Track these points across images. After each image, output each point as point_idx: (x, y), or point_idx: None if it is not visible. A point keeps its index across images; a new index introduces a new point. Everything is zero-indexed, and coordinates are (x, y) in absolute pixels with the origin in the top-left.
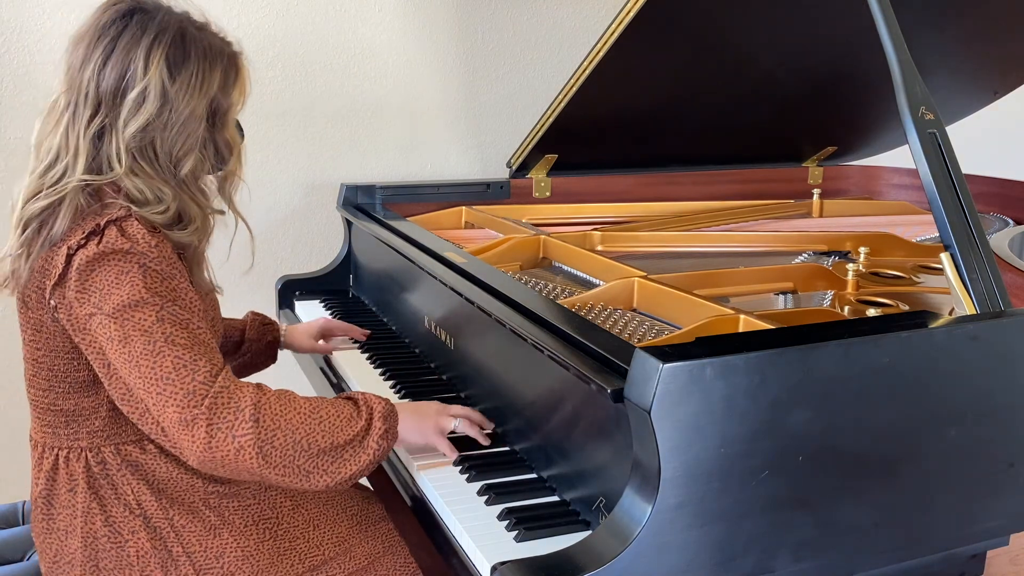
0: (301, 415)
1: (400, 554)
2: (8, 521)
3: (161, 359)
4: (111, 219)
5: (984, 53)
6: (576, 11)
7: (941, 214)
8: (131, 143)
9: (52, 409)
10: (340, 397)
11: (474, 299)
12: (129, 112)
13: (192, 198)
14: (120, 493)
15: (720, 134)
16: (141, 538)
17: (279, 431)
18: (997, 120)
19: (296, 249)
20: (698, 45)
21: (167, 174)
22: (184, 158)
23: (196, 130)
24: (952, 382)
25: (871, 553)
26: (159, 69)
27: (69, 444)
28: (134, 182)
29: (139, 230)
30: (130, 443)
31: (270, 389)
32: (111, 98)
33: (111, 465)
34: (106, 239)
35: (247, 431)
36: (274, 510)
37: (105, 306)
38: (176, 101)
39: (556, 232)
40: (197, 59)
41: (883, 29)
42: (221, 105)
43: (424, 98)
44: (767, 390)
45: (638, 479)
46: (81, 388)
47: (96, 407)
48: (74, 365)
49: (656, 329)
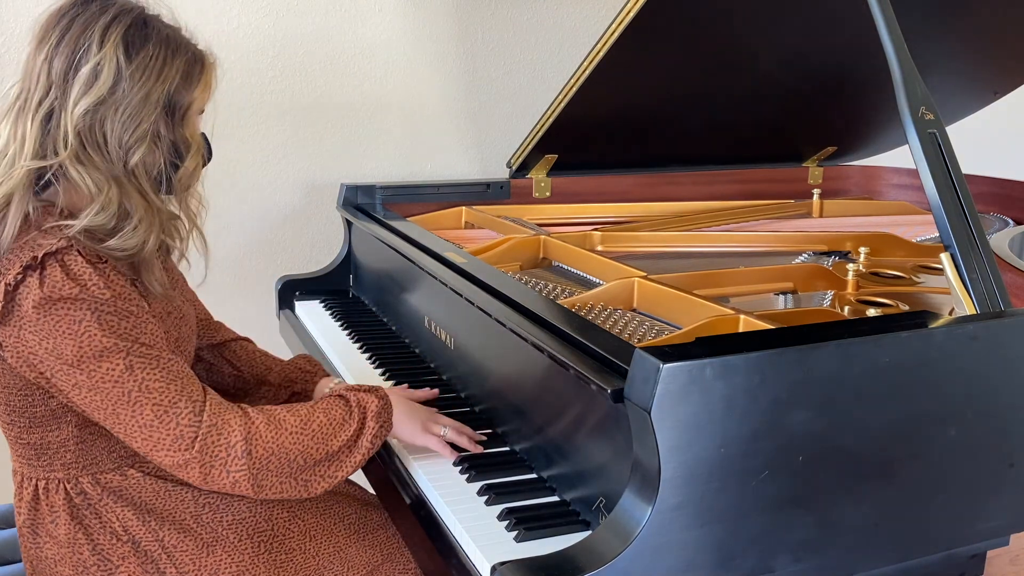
0: (293, 435)
1: (400, 561)
2: (8, 521)
3: (140, 408)
4: (49, 252)
5: (984, 53)
6: (576, 11)
7: (941, 214)
8: (79, 123)
9: (20, 441)
10: (332, 396)
11: (474, 299)
12: (80, 90)
13: (140, 191)
14: (105, 521)
15: (720, 134)
16: (131, 563)
17: (273, 457)
18: (997, 120)
19: (296, 249)
20: (698, 45)
21: (115, 163)
22: (134, 146)
23: (149, 118)
24: (952, 382)
25: (871, 553)
26: (115, 46)
27: (46, 475)
28: (78, 170)
29: (83, 268)
30: (108, 471)
31: (256, 413)
32: (62, 78)
33: (91, 495)
34: (50, 282)
35: (241, 466)
36: (269, 523)
37: (65, 355)
38: (131, 81)
39: (556, 232)
40: (159, 44)
41: (883, 29)
42: (181, 99)
43: (424, 98)
44: (767, 390)
45: (638, 479)
46: (42, 423)
47: (63, 440)
48: (30, 401)
49: (656, 329)
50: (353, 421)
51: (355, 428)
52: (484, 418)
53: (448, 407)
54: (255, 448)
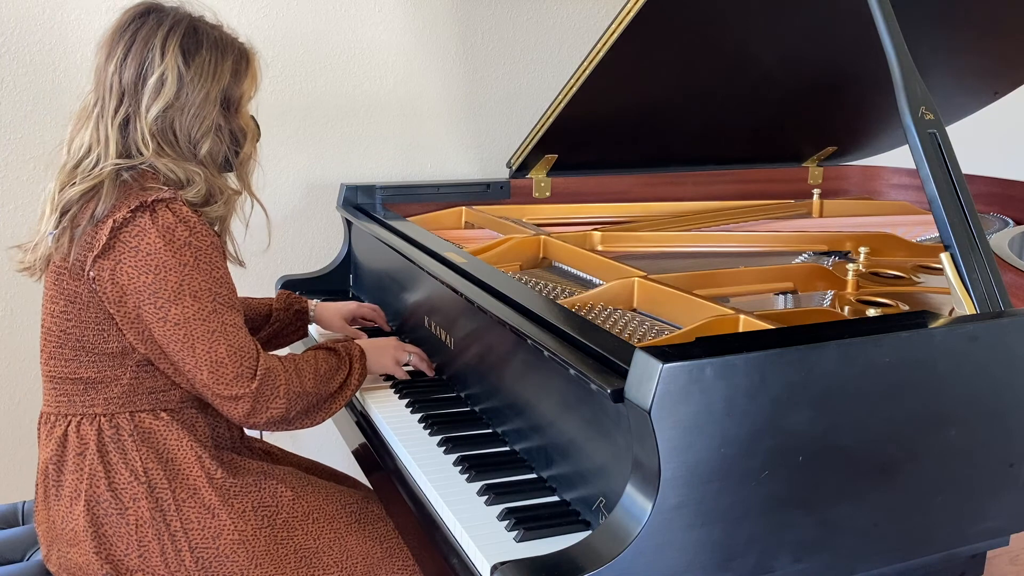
0: (309, 379)
1: (399, 556)
2: (8, 521)
3: (216, 345)
4: (159, 199)
5: (984, 53)
6: (576, 11)
7: (941, 214)
8: (153, 126)
9: (71, 378)
10: (323, 348)
11: (474, 299)
12: (150, 98)
13: (214, 175)
14: (128, 459)
15: (720, 134)
16: (142, 506)
17: (298, 397)
18: (997, 120)
19: (296, 249)
20: (698, 45)
21: (188, 155)
22: (202, 140)
23: (211, 114)
24: (952, 382)
25: (871, 553)
26: (175, 56)
27: (83, 411)
28: (165, 163)
29: (190, 215)
30: (144, 411)
31: (286, 360)
32: (132, 88)
33: (123, 430)
34: (163, 222)
35: (280, 406)
36: (274, 498)
37: (163, 291)
38: (191, 85)
39: (556, 232)
40: (209, 48)
41: (883, 29)
42: (233, 93)
43: (424, 98)
44: (767, 390)
45: (638, 479)
46: (108, 358)
47: (118, 376)
48: (103, 336)
49: (656, 329)
50: (345, 366)
51: (347, 370)
52: (484, 418)
53: (448, 407)
54: (291, 392)
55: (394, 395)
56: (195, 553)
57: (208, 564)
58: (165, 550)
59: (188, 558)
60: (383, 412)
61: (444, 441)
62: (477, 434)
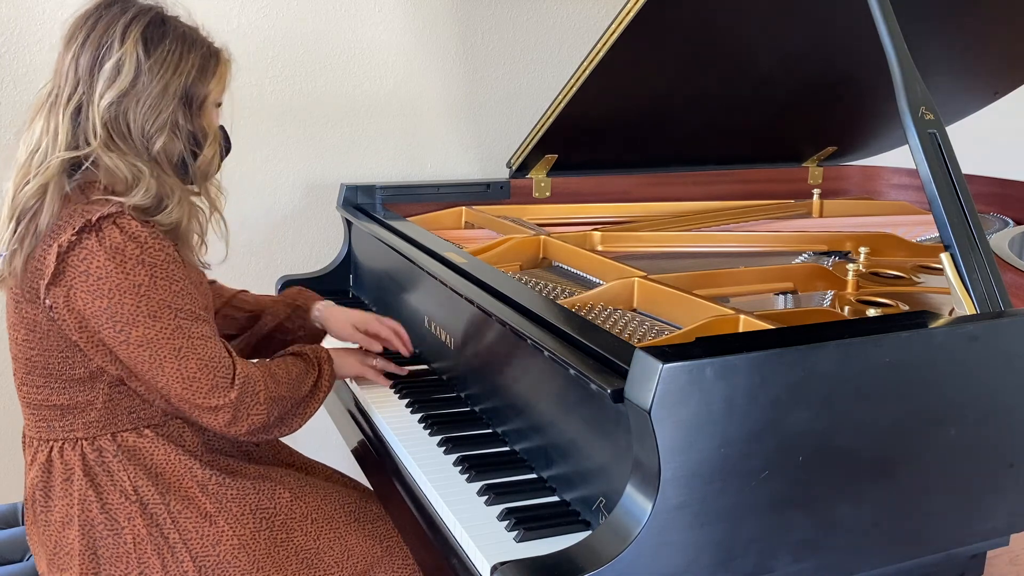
0: (283, 383)
1: (399, 555)
2: (8, 521)
3: (186, 361)
4: (104, 215)
5: (984, 53)
6: (576, 11)
7: (941, 214)
8: (106, 114)
9: (46, 405)
10: (290, 353)
11: (474, 299)
12: (104, 84)
13: (167, 175)
14: (116, 480)
15: (720, 134)
16: (137, 524)
17: (275, 402)
18: (997, 120)
19: (296, 249)
20: (698, 45)
21: (140, 151)
22: (156, 135)
23: (168, 108)
24: (952, 382)
25: (871, 553)
26: (135, 43)
27: (64, 436)
28: (112, 158)
29: (139, 230)
30: (126, 430)
31: (261, 366)
32: (88, 74)
33: (107, 452)
34: (110, 242)
35: (261, 412)
36: (272, 500)
37: (120, 313)
38: (150, 74)
39: (556, 232)
40: (175, 40)
41: (883, 29)
42: (197, 91)
43: (424, 98)
44: (767, 390)
45: (638, 479)
46: (77, 383)
47: (91, 400)
48: (69, 363)
49: (656, 329)
50: (314, 370)
51: (316, 374)
52: (484, 418)
53: (448, 407)
54: (269, 395)
55: (394, 395)
56: (197, 562)
57: (210, 571)
58: (166, 564)
59: (190, 568)
60: (383, 412)
61: (444, 441)
62: (477, 434)
